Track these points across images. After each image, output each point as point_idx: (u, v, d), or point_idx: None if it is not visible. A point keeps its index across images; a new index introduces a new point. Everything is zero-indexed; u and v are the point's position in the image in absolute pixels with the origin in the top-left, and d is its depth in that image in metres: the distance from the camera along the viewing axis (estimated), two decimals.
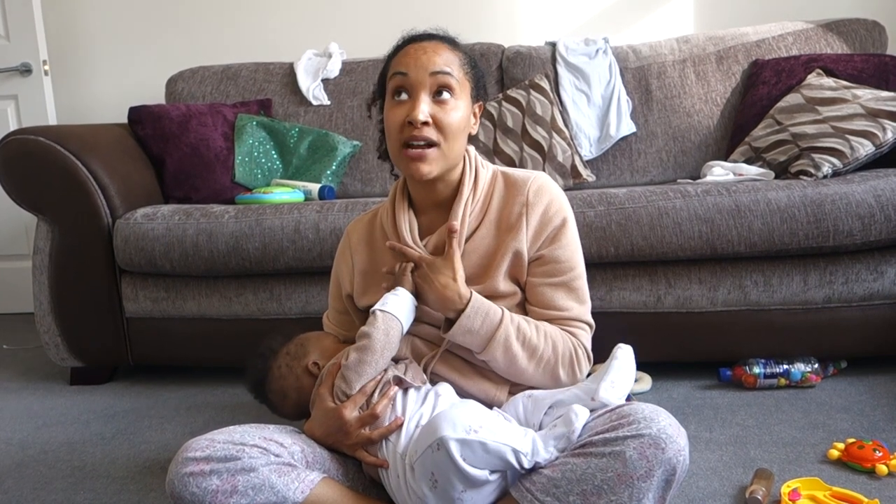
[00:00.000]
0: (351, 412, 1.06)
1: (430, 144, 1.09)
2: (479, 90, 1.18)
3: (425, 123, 1.07)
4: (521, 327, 1.09)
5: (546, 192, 1.16)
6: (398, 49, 1.14)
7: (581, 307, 1.16)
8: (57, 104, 2.89)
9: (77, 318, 1.99)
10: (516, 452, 0.94)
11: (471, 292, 1.09)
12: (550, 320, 1.13)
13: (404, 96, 1.10)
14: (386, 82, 1.14)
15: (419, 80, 1.08)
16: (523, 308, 1.16)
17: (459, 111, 1.11)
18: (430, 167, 1.09)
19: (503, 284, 1.14)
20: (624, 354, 1.05)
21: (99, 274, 1.96)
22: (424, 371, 1.13)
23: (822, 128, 1.93)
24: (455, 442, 0.92)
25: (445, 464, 0.93)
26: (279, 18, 2.87)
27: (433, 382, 1.13)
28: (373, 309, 1.08)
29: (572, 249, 1.16)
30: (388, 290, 1.12)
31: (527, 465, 0.95)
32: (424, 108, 1.07)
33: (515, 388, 1.14)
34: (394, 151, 1.13)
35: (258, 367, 1.23)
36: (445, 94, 1.09)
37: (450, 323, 1.09)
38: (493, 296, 1.12)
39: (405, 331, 1.10)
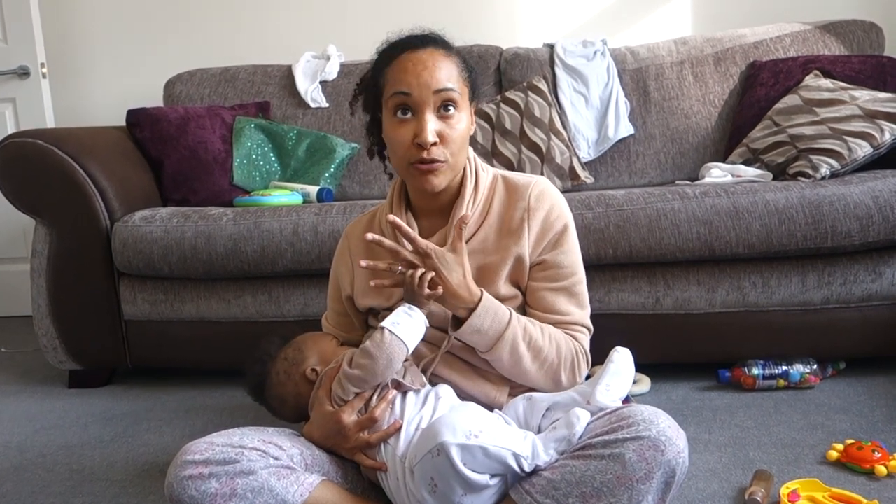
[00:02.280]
0: (349, 416, 1.06)
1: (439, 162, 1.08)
2: (475, 92, 1.17)
3: (433, 144, 1.07)
4: (528, 329, 1.10)
5: (547, 198, 1.16)
6: (391, 58, 1.11)
7: (581, 312, 1.16)
8: (55, 107, 2.88)
9: (75, 320, 1.99)
10: (516, 456, 0.94)
11: (481, 291, 1.08)
12: (552, 324, 1.13)
13: (408, 114, 1.08)
14: (382, 96, 1.12)
15: (423, 100, 1.07)
16: (523, 311, 1.16)
17: (463, 122, 1.10)
18: (440, 179, 1.09)
19: (504, 288, 1.14)
20: (620, 358, 1.05)
21: (97, 276, 1.96)
22: (424, 373, 1.13)
23: (819, 129, 1.93)
24: (456, 447, 0.92)
25: (446, 469, 0.93)
26: (277, 21, 2.87)
27: (433, 384, 1.13)
28: (382, 325, 1.06)
29: (573, 254, 1.16)
30: (398, 300, 1.10)
31: (527, 468, 0.94)
32: (432, 129, 1.06)
33: (515, 389, 1.14)
34: (401, 167, 1.12)
35: (256, 372, 1.22)
36: (451, 109, 1.08)
37: (457, 321, 1.09)
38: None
39: (410, 353, 1.08)
